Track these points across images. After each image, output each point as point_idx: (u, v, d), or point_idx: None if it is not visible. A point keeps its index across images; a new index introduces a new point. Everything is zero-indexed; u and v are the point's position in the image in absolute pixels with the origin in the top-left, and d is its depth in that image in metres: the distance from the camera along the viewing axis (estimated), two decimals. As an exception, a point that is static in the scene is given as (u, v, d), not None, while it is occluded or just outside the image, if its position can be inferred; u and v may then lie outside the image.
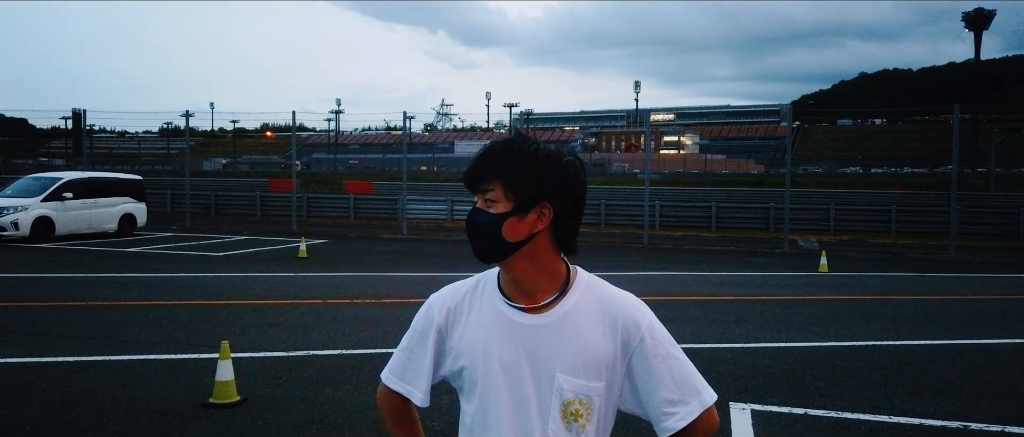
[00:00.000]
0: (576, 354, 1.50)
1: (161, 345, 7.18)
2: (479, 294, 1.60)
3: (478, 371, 1.53)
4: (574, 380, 1.50)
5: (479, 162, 1.51)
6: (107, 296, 10.18)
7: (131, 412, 5.19)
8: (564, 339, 1.51)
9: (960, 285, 13.16)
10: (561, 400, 1.50)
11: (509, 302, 1.54)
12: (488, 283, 1.60)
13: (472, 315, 1.58)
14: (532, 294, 1.53)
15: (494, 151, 1.51)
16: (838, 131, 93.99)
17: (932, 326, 8.96)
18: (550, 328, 1.51)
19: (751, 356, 7.15)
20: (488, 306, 1.57)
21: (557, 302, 1.53)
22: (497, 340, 1.53)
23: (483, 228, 1.49)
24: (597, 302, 1.54)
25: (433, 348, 1.62)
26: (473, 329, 1.56)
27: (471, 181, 1.52)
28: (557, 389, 1.49)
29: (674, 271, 14.40)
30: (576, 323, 1.51)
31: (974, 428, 5.10)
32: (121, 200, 19.70)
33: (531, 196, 1.48)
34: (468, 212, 1.53)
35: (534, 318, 1.52)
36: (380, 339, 7.60)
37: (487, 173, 1.50)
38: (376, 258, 15.93)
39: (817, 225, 23.68)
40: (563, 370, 1.50)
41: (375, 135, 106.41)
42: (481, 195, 1.50)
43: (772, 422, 5.15)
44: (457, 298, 1.62)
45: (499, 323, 1.54)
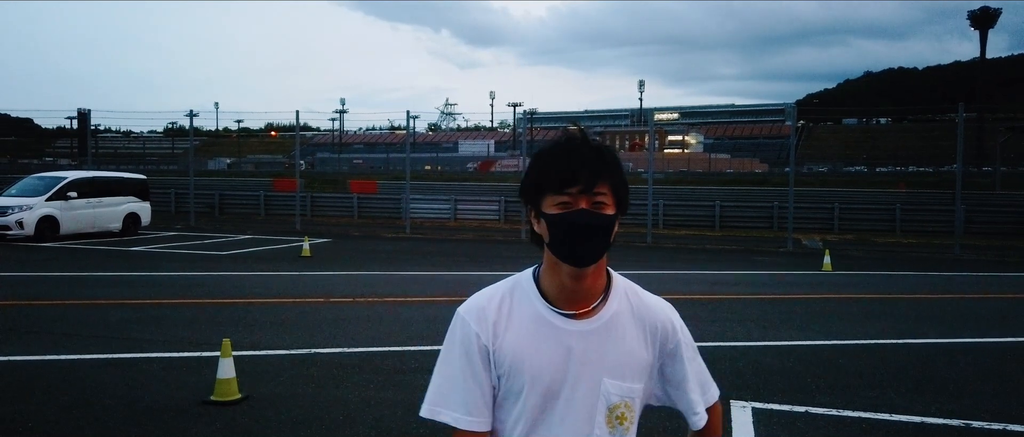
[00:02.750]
0: (622, 357, 1.53)
1: (163, 343, 7.21)
2: (516, 300, 1.54)
3: (522, 380, 1.49)
4: (621, 384, 1.52)
5: (583, 160, 1.45)
6: (110, 295, 10.21)
7: (133, 410, 5.22)
8: (610, 344, 1.52)
9: (964, 284, 13.12)
10: (607, 404, 1.52)
11: (553, 308, 1.51)
12: (524, 287, 1.55)
13: (512, 322, 1.52)
14: (584, 299, 1.52)
15: (599, 150, 1.47)
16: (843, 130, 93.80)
17: (935, 325, 8.94)
18: (596, 334, 1.52)
19: (753, 355, 7.15)
20: (527, 311, 1.52)
21: (601, 307, 1.53)
22: (542, 347, 1.49)
23: (601, 229, 1.45)
24: (637, 308, 1.57)
25: (482, 361, 1.51)
26: (514, 337, 1.50)
27: (587, 180, 1.44)
28: (604, 394, 1.51)
29: (677, 270, 14.39)
30: (620, 329, 1.54)
31: (976, 426, 5.09)
32: (125, 199, 19.76)
33: (625, 200, 1.50)
34: (571, 212, 1.44)
35: (580, 324, 1.51)
36: (383, 338, 7.61)
37: (598, 172, 1.45)
38: (379, 257, 15.95)
39: (821, 224, 23.63)
40: (610, 375, 1.52)
41: (379, 134, 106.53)
42: (587, 196, 1.44)
43: (773, 420, 5.15)
44: (493, 307, 1.53)
45: (543, 329, 1.51)
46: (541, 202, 1.48)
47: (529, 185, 1.51)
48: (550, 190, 1.45)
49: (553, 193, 1.45)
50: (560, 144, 1.48)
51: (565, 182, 1.43)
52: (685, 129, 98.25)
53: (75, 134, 54.16)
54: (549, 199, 1.46)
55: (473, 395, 1.50)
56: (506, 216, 26.02)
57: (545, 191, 1.46)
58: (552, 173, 1.45)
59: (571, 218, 1.43)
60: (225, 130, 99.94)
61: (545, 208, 1.47)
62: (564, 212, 1.44)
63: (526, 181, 1.51)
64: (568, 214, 1.43)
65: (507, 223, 25.40)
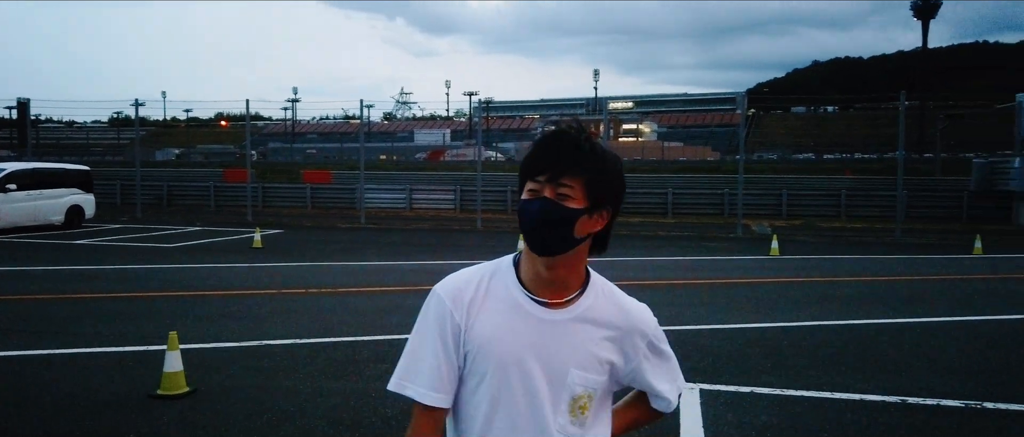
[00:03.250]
0: (591, 352, 1.54)
1: (109, 338, 7.05)
2: (494, 283, 1.55)
3: (490, 364, 1.50)
4: (586, 375, 1.54)
5: (558, 151, 1.45)
6: (53, 290, 9.93)
7: (78, 405, 5.10)
8: (580, 336, 1.53)
9: (904, 266, 13.58)
10: (572, 394, 1.53)
11: (530, 295, 1.52)
12: (503, 272, 1.56)
13: (487, 304, 1.53)
14: (559, 290, 1.53)
15: (577, 143, 1.46)
16: (792, 118, 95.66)
17: (876, 306, 9.24)
18: (567, 325, 1.53)
19: (702, 338, 7.30)
20: (503, 296, 1.53)
21: (576, 300, 1.54)
22: (513, 333, 1.51)
23: (557, 220, 1.45)
24: (612, 308, 1.58)
25: (453, 339, 1.52)
26: (487, 319, 1.51)
27: (549, 169, 1.44)
28: (570, 384, 1.52)
29: (631, 256, 14.57)
30: (592, 322, 1.55)
31: (912, 402, 5.30)
32: (68, 191, 19.19)
33: (602, 197, 1.49)
34: (531, 200, 1.46)
35: (554, 313, 1.52)
36: (335, 328, 7.57)
37: (568, 165, 1.44)
38: (333, 248, 15.80)
39: (770, 210, 24.19)
40: (577, 366, 1.53)
41: (333, 124, 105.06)
42: (552, 186, 1.44)
43: (719, 400, 5.28)
44: (470, 288, 1.54)
45: (516, 315, 1.52)
46: (522, 188, 1.51)
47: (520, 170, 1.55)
48: (525, 176, 1.49)
49: (528, 179, 1.48)
50: (546, 134, 1.50)
51: (534, 170, 1.46)
52: (639, 118, 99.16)
53: (14, 124, 52.22)
54: (525, 185, 1.49)
55: (440, 372, 1.51)
56: (462, 205, 26.00)
57: (523, 176, 1.50)
58: (528, 160, 1.48)
59: (530, 205, 1.46)
60: (173, 120, 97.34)
61: (522, 193, 1.50)
62: (528, 198, 1.47)
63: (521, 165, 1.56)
64: (530, 201, 1.46)
65: (463, 212, 25.37)
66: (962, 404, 5.25)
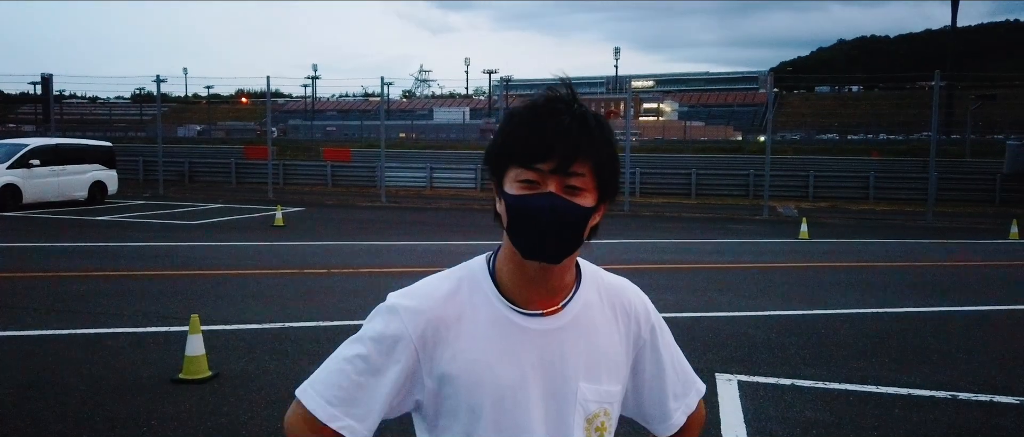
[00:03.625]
0: (596, 356, 1.27)
1: (130, 318, 6.94)
2: (467, 298, 1.25)
3: (481, 397, 1.21)
4: (598, 387, 1.26)
5: (564, 129, 1.14)
6: (74, 266, 9.87)
7: (97, 388, 4.98)
8: (581, 341, 1.26)
9: (939, 251, 13.21)
10: (586, 414, 1.26)
11: (516, 307, 1.24)
12: (476, 283, 1.26)
13: (464, 327, 1.23)
14: (553, 295, 1.25)
15: (583, 118, 1.16)
16: (816, 98, 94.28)
17: (913, 293, 8.94)
18: (566, 331, 1.25)
19: (735, 325, 7.07)
20: (484, 313, 1.23)
21: (571, 299, 1.27)
22: (505, 356, 1.22)
23: (572, 222, 1.16)
24: (602, 292, 1.31)
25: (402, 371, 1.22)
26: (469, 345, 1.22)
27: (563, 156, 1.13)
28: (581, 402, 1.25)
29: (656, 239, 14.32)
30: (590, 320, 1.28)
31: (962, 398, 5.05)
32: (91, 167, 19.22)
33: (611, 186, 1.20)
34: (531, 196, 1.15)
35: (547, 322, 1.24)
36: (358, 311, 7.41)
37: (578, 148, 1.14)
38: (354, 226, 15.69)
39: (796, 192, 23.74)
40: (586, 378, 1.25)
41: (353, 101, 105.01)
42: (560, 178, 1.14)
43: (759, 393, 5.06)
44: (438, 306, 1.23)
45: (505, 334, 1.23)
46: (504, 175, 1.18)
47: (493, 151, 1.20)
48: (515, 162, 1.16)
49: (518, 166, 1.15)
50: (538, 105, 1.18)
51: (534, 155, 1.14)
52: (660, 97, 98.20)
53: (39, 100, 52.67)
54: (513, 173, 1.16)
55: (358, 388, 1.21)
56: (483, 184, 25.81)
57: (510, 162, 1.17)
58: (519, 141, 1.15)
59: (534, 204, 1.14)
60: (194, 96, 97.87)
61: (507, 184, 1.17)
62: (526, 194, 1.15)
63: (491, 146, 1.21)
64: (531, 198, 1.14)
65: (483, 192, 25.18)
66: (1017, 401, 4.99)
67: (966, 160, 30.03)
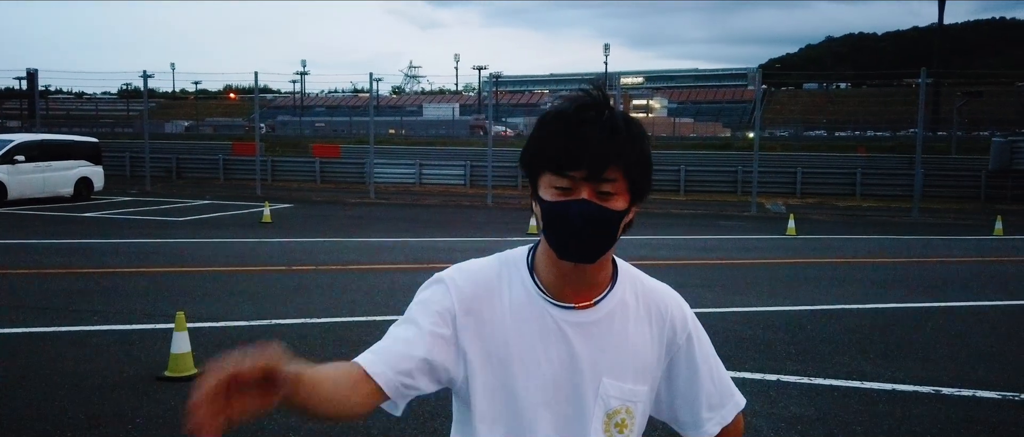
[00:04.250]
0: (624, 355, 1.30)
1: (115, 315, 6.91)
2: (507, 283, 1.29)
3: (509, 378, 1.26)
4: (622, 385, 1.29)
5: (596, 138, 1.16)
6: (59, 263, 9.80)
7: (84, 386, 4.96)
8: (612, 338, 1.29)
9: (925, 248, 13.31)
10: (606, 409, 1.28)
11: (551, 299, 1.28)
12: (515, 270, 1.31)
13: (500, 310, 1.27)
14: (588, 290, 1.29)
15: (614, 125, 1.18)
16: (804, 95, 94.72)
17: (900, 289, 9.01)
18: (597, 326, 1.28)
19: (722, 321, 7.10)
20: (520, 300, 1.28)
21: (606, 296, 1.30)
22: (535, 341, 1.26)
23: (604, 226, 1.20)
24: (640, 295, 1.34)
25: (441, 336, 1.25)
26: (502, 326, 1.27)
27: (593, 164, 1.16)
28: (602, 396, 1.28)
29: (645, 235, 14.36)
30: (623, 319, 1.31)
31: (945, 393, 5.09)
32: (77, 163, 19.09)
33: (643, 188, 1.24)
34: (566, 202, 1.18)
35: (580, 315, 1.28)
36: (347, 307, 7.41)
37: (610, 156, 1.17)
38: (343, 223, 15.65)
39: (784, 188, 23.87)
40: (611, 374, 1.28)
41: (342, 97, 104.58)
42: (592, 185, 1.17)
43: (745, 389, 5.04)
44: (480, 286, 1.28)
45: (538, 322, 1.27)
46: (538, 180, 1.23)
47: (528, 157, 1.25)
48: (549, 168, 1.20)
49: (552, 173, 1.19)
50: (567, 113, 1.20)
51: (565, 163, 1.17)
52: (650, 93, 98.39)
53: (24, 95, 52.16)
54: (547, 179, 1.21)
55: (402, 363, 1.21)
56: (471, 181, 25.79)
57: (542, 168, 1.21)
58: (551, 149, 1.19)
59: (567, 210, 1.18)
60: (182, 92, 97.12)
61: (541, 189, 1.22)
62: (560, 201, 1.19)
63: (525, 151, 1.26)
64: (564, 205, 1.18)
65: (473, 188, 25.16)
66: (999, 395, 5.04)
67: (952, 156, 30.24)
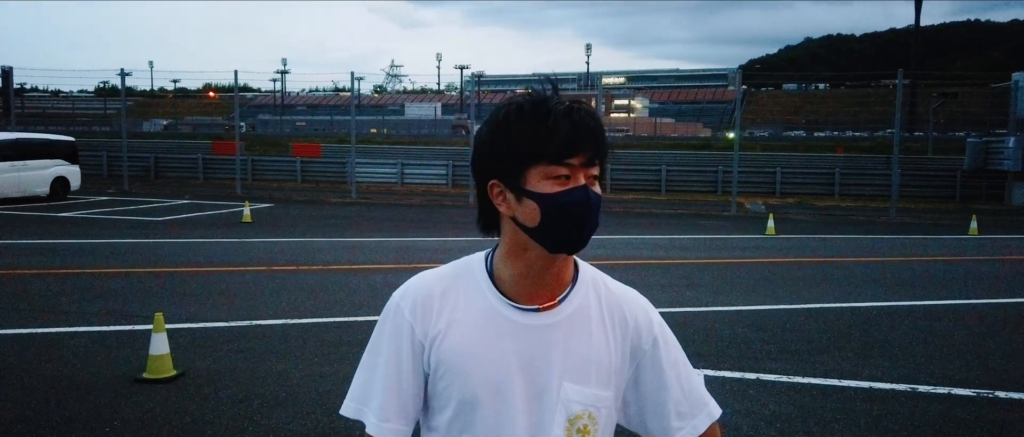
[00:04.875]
0: (586, 359, 1.27)
1: (92, 316, 6.83)
2: (461, 289, 1.28)
3: (468, 386, 1.24)
4: (584, 390, 1.26)
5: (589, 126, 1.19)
6: (34, 264, 9.66)
7: (58, 388, 4.89)
8: (572, 341, 1.26)
9: (902, 247, 13.48)
10: (568, 414, 1.25)
11: (513, 303, 1.26)
12: (471, 276, 1.29)
13: (458, 316, 1.26)
14: (553, 289, 1.27)
15: (595, 115, 1.22)
16: (783, 95, 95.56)
17: (877, 288, 9.12)
18: (556, 328, 1.26)
19: (702, 320, 7.15)
20: (477, 304, 1.26)
21: (567, 297, 1.28)
22: (494, 347, 1.24)
23: (599, 213, 1.22)
24: (603, 298, 1.32)
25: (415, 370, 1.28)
26: (460, 334, 1.25)
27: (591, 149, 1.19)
28: (564, 401, 1.25)
29: (626, 235, 14.41)
30: (584, 322, 1.28)
31: (921, 390, 5.16)
32: (53, 163, 18.85)
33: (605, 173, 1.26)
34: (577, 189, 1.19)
35: (541, 318, 1.25)
36: (328, 308, 7.37)
37: (602, 143, 1.21)
38: (324, 223, 15.57)
39: (763, 188, 24.07)
40: (571, 378, 1.25)
41: (323, 96, 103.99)
42: (587, 170, 1.20)
43: (725, 388, 5.13)
44: (435, 296, 1.27)
45: (496, 326, 1.25)
46: (524, 175, 1.19)
47: (505, 153, 1.20)
48: (544, 159, 1.17)
49: (548, 163, 1.18)
50: (547, 102, 1.19)
51: (569, 150, 1.17)
52: (631, 93, 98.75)
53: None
54: (541, 170, 1.18)
55: (391, 398, 1.27)
56: (454, 181, 25.75)
57: (533, 160, 1.18)
58: (550, 138, 1.17)
59: (576, 198, 1.18)
60: (161, 90, 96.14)
61: (533, 184, 1.19)
62: (567, 189, 1.18)
63: (496, 147, 1.21)
64: (574, 193, 1.18)
65: (455, 188, 25.13)
66: (974, 393, 5.12)
67: (928, 157, 30.60)
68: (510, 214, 1.23)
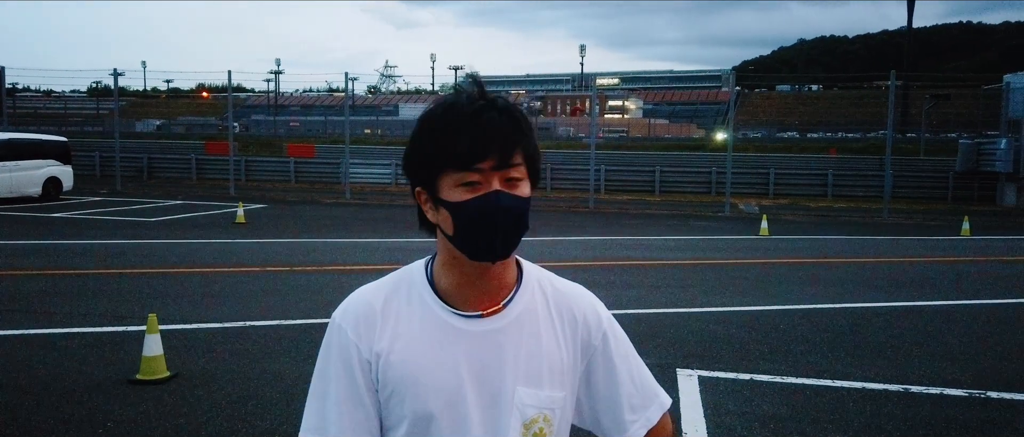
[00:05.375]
0: (537, 360, 1.23)
1: (85, 317, 6.80)
2: (403, 300, 1.24)
3: (416, 401, 1.20)
4: (537, 392, 1.23)
5: (505, 127, 1.13)
6: (27, 265, 9.62)
7: (53, 390, 4.88)
8: (522, 344, 1.23)
9: (894, 248, 13.53)
10: (523, 419, 1.22)
11: (455, 310, 1.22)
12: (412, 285, 1.26)
13: (401, 329, 1.22)
14: (494, 294, 1.23)
15: (513, 112, 1.16)
16: (777, 97, 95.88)
17: (870, 289, 9.16)
18: (504, 333, 1.22)
19: (696, 321, 7.17)
20: (419, 315, 1.23)
21: (512, 300, 1.24)
22: (440, 358, 1.20)
23: (521, 216, 1.15)
24: (550, 297, 1.29)
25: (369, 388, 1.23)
26: (404, 348, 1.21)
27: (501, 152, 1.13)
28: (518, 406, 1.21)
29: (620, 235, 14.44)
30: (533, 324, 1.25)
31: (914, 391, 5.19)
32: (45, 163, 18.77)
33: (537, 171, 1.19)
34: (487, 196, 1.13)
35: (485, 323, 1.22)
36: (322, 309, 7.35)
37: (518, 142, 1.14)
38: (318, 223, 15.54)
39: (757, 189, 24.15)
40: (524, 382, 1.22)
41: (317, 97, 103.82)
42: (502, 173, 1.14)
43: (719, 388, 5.14)
44: (376, 311, 1.24)
45: (440, 335, 1.21)
46: (437, 183, 1.16)
47: (418, 160, 1.18)
48: (451, 166, 1.13)
49: (456, 170, 1.13)
50: (457, 105, 1.15)
51: (473, 156, 1.12)
52: (625, 94, 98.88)
53: (-11, 93, 50.97)
54: (449, 178, 1.14)
55: (354, 422, 1.21)
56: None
57: (442, 168, 1.14)
58: (453, 144, 1.12)
59: (485, 206, 1.13)
60: (153, 90, 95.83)
61: (445, 192, 1.15)
62: (476, 197, 1.13)
63: (413, 155, 1.18)
64: (483, 200, 1.13)
65: (449, 188, 25.11)
66: (965, 393, 5.15)
67: (921, 158, 30.72)
68: (435, 222, 1.21)
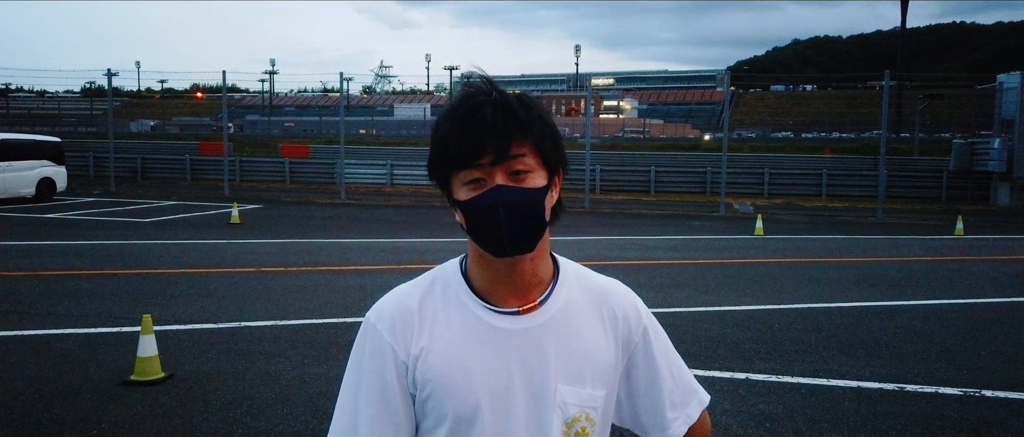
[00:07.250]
0: (579, 358, 1.22)
1: (79, 318, 6.77)
2: (439, 299, 1.22)
3: (458, 402, 1.17)
4: (579, 391, 1.21)
5: (498, 120, 1.12)
6: (20, 266, 9.59)
7: (47, 391, 4.86)
8: (562, 342, 1.21)
9: (889, 247, 13.57)
10: (565, 417, 1.20)
11: (491, 307, 1.20)
12: (449, 284, 1.24)
13: (438, 329, 1.20)
14: (528, 291, 1.21)
15: (510, 105, 1.14)
16: (771, 97, 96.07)
17: (865, 288, 9.18)
18: (544, 330, 1.20)
19: (692, 320, 7.18)
20: (457, 314, 1.21)
21: (550, 296, 1.23)
22: (480, 358, 1.18)
23: (529, 207, 1.13)
24: (589, 294, 1.27)
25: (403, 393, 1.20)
26: (443, 348, 1.19)
27: (497, 145, 1.11)
28: (560, 405, 1.20)
29: (615, 235, 14.45)
30: (573, 321, 1.23)
31: (909, 390, 5.20)
32: (38, 163, 18.71)
33: (556, 158, 1.18)
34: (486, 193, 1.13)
35: (524, 320, 1.20)
36: (317, 309, 7.34)
37: (515, 133, 1.12)
38: (313, 224, 15.51)
39: (752, 189, 24.19)
40: (565, 380, 1.20)
41: (311, 97, 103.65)
42: (503, 167, 1.12)
43: (715, 387, 5.15)
44: (412, 311, 1.21)
45: (479, 335, 1.19)
46: (450, 184, 1.17)
47: (433, 162, 1.18)
48: (456, 165, 1.14)
49: (461, 170, 1.14)
50: (458, 106, 1.15)
51: (471, 153, 1.12)
52: (620, 95, 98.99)
53: (-18, 94, 50.84)
54: (458, 178, 1.15)
55: (380, 429, 1.19)
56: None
57: (450, 168, 1.15)
58: (453, 144, 1.13)
59: (487, 201, 1.12)
60: (148, 91, 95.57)
61: (456, 192, 1.16)
62: (479, 194, 1.13)
63: (429, 159, 1.19)
64: (484, 197, 1.12)
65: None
66: (961, 392, 5.16)
67: (915, 158, 30.82)
68: (458, 222, 1.21)
